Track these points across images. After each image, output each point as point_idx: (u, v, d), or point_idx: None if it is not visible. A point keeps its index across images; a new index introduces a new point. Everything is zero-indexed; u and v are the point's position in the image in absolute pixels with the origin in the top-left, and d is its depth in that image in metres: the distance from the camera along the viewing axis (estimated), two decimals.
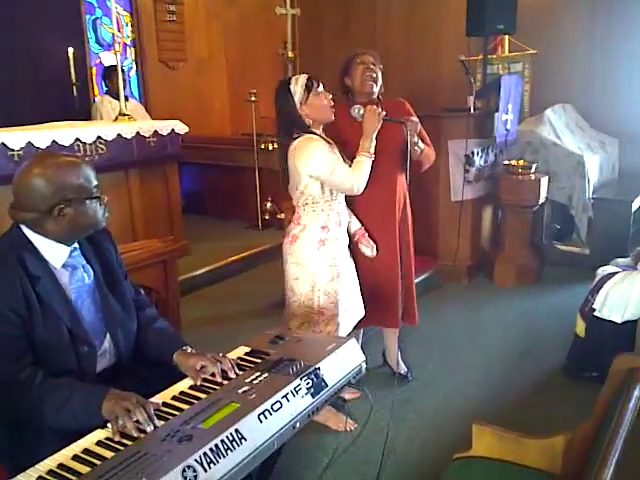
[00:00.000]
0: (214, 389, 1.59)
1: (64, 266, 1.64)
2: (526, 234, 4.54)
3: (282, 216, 5.33)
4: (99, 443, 1.38)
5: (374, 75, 2.63)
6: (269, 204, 5.38)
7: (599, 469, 1.16)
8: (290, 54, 5.18)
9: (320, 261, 2.48)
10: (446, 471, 1.71)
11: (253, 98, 5.19)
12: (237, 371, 1.66)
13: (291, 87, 2.42)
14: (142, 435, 1.38)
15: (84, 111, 5.14)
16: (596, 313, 2.86)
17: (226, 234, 5.24)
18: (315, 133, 2.45)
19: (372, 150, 2.47)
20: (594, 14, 5.28)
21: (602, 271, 3.02)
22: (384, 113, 2.50)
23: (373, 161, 2.48)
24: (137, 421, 1.40)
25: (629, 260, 3.07)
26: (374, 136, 2.48)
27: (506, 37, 5.43)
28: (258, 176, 5.28)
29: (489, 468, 1.64)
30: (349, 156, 2.51)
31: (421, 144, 2.65)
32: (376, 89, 2.66)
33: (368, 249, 2.65)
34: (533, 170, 4.42)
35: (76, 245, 1.67)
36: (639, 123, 5.04)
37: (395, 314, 2.81)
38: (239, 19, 6.70)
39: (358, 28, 6.32)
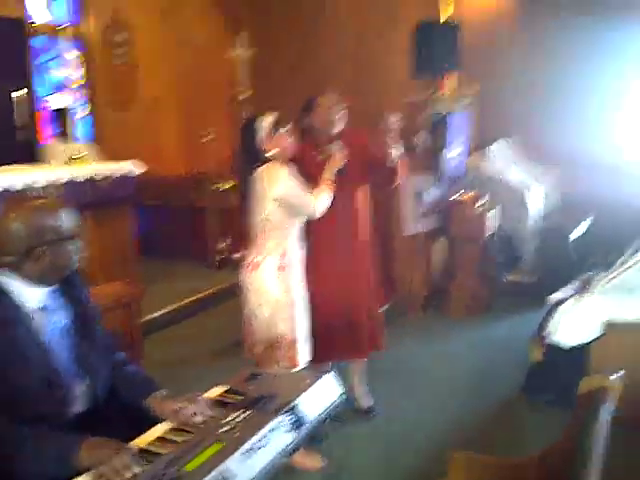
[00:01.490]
0: (194, 430, 1.57)
1: (42, 308, 1.60)
2: (476, 265, 4.70)
3: (237, 255, 5.33)
4: None
5: (337, 117, 2.75)
6: (224, 243, 5.36)
7: None
8: (241, 97, 5.26)
9: (279, 288, 2.56)
10: None
11: (210, 137, 5.22)
12: (212, 412, 1.63)
13: (256, 125, 2.54)
14: None
15: (29, 156, 5.00)
16: (549, 339, 2.98)
17: (182, 275, 5.18)
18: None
19: (332, 180, 2.64)
20: (534, 49, 5.57)
21: (554, 297, 3.17)
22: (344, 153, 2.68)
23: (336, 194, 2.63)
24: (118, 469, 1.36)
25: (578, 285, 3.23)
26: (334, 172, 2.65)
27: (451, 76, 5.66)
28: (212, 216, 5.27)
29: None
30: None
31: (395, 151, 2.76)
32: (339, 127, 2.76)
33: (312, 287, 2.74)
34: (480, 204, 4.61)
35: (57, 286, 1.64)
36: (579, 153, 5.28)
37: (363, 343, 2.88)
38: (192, 59, 6.76)
39: (308, 69, 6.48)
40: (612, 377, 1.56)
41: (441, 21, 5.40)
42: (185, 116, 6.69)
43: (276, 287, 2.56)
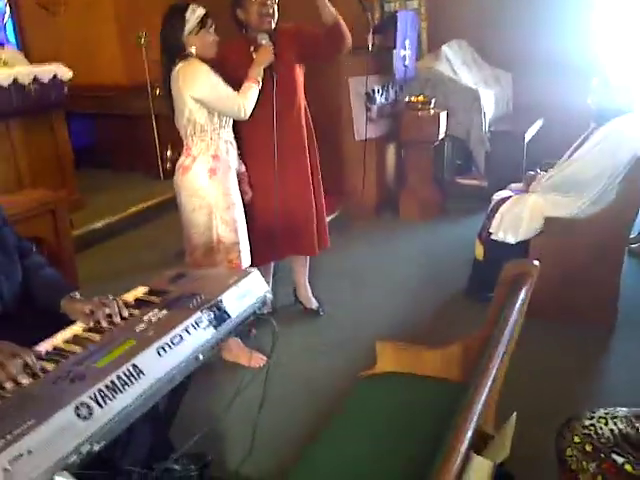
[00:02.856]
0: (108, 330, 1.52)
1: None
2: (428, 170, 4.66)
3: None
4: None
5: (270, 11, 2.54)
6: (169, 152, 5.15)
7: (482, 373, 1.20)
8: None
9: (214, 190, 2.47)
10: (353, 389, 1.75)
11: (142, 41, 4.89)
12: (126, 313, 1.58)
13: (187, 15, 2.34)
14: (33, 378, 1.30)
15: None
16: (492, 236, 3.00)
17: (126, 186, 5.01)
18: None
19: (258, 78, 2.47)
20: None
21: (497, 196, 3.16)
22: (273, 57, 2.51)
23: (272, 98, 2.50)
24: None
25: (521, 185, 3.22)
26: (262, 68, 2.49)
27: None
28: (156, 123, 5.04)
29: (392, 381, 1.69)
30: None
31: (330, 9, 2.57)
32: (273, 24, 2.57)
33: (246, 196, 2.68)
34: (432, 106, 4.50)
35: None
36: (530, 57, 5.19)
37: (311, 241, 2.85)
38: None
39: None
40: (532, 263, 1.56)
41: None
42: (122, 21, 6.23)
43: (210, 190, 2.47)
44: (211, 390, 2.42)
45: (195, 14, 2.36)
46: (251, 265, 2.61)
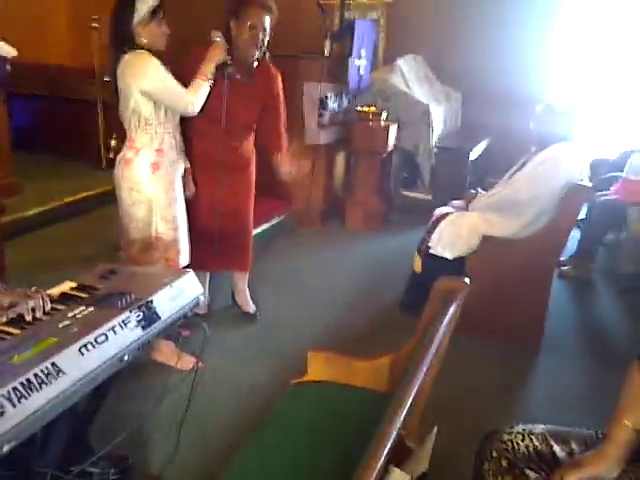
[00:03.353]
0: (31, 325, 1.46)
1: None
2: (375, 180, 4.72)
3: None
4: None
5: (258, 41, 2.51)
6: (114, 142, 5.01)
7: (406, 385, 1.21)
8: None
9: (155, 185, 2.42)
10: (281, 396, 1.75)
11: (96, 25, 4.75)
12: (49, 308, 1.52)
13: (137, 3, 2.28)
14: None
15: None
16: (431, 250, 3.06)
17: (65, 173, 4.83)
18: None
19: (209, 76, 2.44)
20: None
21: (438, 212, 3.23)
22: (228, 57, 2.47)
23: (219, 102, 2.48)
24: None
25: (462, 202, 3.30)
26: (213, 65, 2.44)
27: None
28: (102, 111, 4.89)
29: (320, 389, 1.70)
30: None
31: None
32: (257, 54, 2.55)
33: (188, 191, 2.66)
34: (384, 117, 4.56)
35: None
36: (481, 79, 5.36)
37: (245, 257, 2.87)
38: None
39: None
40: (463, 280, 1.59)
41: None
42: (74, 1, 6.04)
43: (152, 185, 2.42)
44: (138, 391, 2.36)
45: (146, 4, 2.29)
46: (188, 266, 2.56)
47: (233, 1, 2.56)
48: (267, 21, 2.52)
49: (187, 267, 2.55)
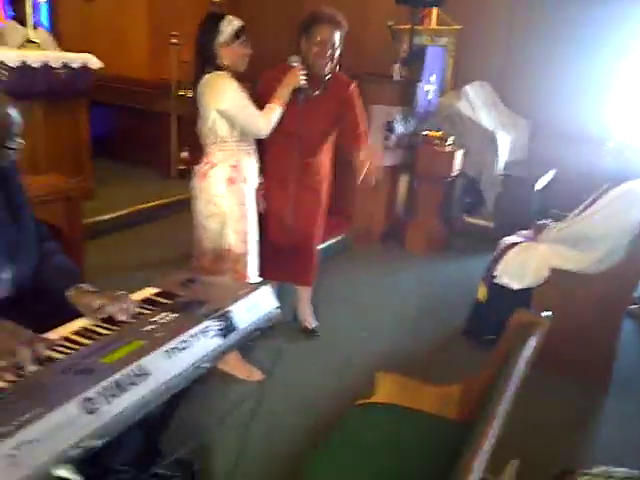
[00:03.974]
0: (118, 327, 1.52)
1: None
2: (438, 204, 4.69)
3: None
4: None
5: (329, 54, 2.57)
6: (185, 153, 5.19)
7: (490, 415, 1.21)
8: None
9: (229, 199, 2.49)
10: (347, 415, 1.75)
11: (175, 41, 4.95)
12: (137, 311, 1.58)
13: (221, 24, 2.37)
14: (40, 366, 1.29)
15: None
16: (496, 280, 3.01)
17: (138, 181, 5.02)
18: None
19: (283, 101, 2.50)
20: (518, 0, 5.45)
21: (505, 241, 3.18)
22: (304, 80, 2.53)
23: (296, 122, 2.54)
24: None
25: (530, 233, 3.25)
26: (289, 90, 2.51)
27: (434, 9, 5.49)
28: (175, 123, 5.07)
29: (391, 412, 1.69)
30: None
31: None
32: (328, 68, 2.61)
33: (258, 206, 2.70)
34: (449, 143, 4.55)
35: None
36: (551, 108, 5.28)
37: (309, 272, 2.90)
38: None
39: None
40: (543, 314, 1.57)
41: None
42: (154, 16, 6.31)
43: (226, 199, 2.49)
44: (203, 399, 2.41)
45: (230, 26, 2.38)
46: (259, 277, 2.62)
47: (303, 20, 2.64)
48: (336, 36, 2.57)
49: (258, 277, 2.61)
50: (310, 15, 2.62)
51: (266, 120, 2.45)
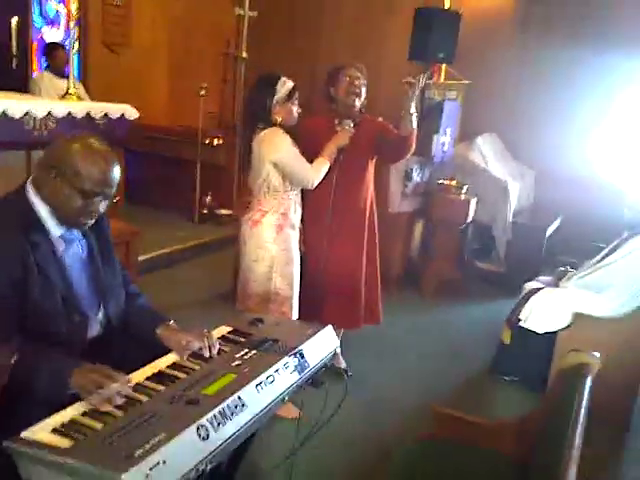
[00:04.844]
0: (204, 363, 1.64)
1: (61, 237, 1.64)
2: (453, 250, 4.86)
3: (222, 212, 5.37)
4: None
5: (357, 90, 2.81)
6: (208, 198, 5.37)
7: (566, 458, 1.30)
8: (243, 54, 5.25)
9: (278, 245, 2.64)
10: (403, 450, 1.86)
11: (203, 92, 5.20)
12: (221, 348, 1.71)
13: (277, 85, 2.58)
14: (114, 409, 1.36)
15: (21, 85, 4.91)
16: (521, 323, 3.15)
17: (163, 225, 5.15)
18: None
19: (331, 155, 2.70)
20: (526, 52, 5.76)
21: (528, 286, 3.34)
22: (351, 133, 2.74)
23: (341, 168, 2.72)
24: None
25: (551, 278, 3.41)
26: (337, 147, 2.72)
27: (443, 65, 5.78)
28: (199, 170, 5.28)
29: (444, 447, 1.80)
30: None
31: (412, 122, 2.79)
32: (358, 103, 2.83)
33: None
34: (464, 191, 4.75)
35: None
36: (554, 158, 5.54)
37: (356, 315, 2.99)
38: (184, 12, 6.67)
39: (303, 38, 6.48)
40: (594, 354, 1.71)
41: (445, 7, 5.45)
42: (174, 68, 6.61)
43: (275, 244, 2.64)
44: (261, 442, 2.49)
45: (285, 86, 2.61)
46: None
47: (328, 73, 2.89)
48: (361, 76, 2.83)
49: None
50: (334, 66, 2.89)
51: (316, 173, 2.65)
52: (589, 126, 5.49)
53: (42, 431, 1.26)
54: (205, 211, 5.33)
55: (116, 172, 1.62)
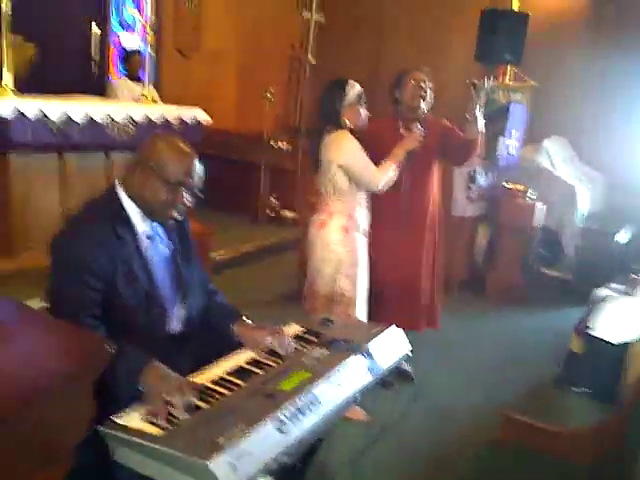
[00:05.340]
0: (279, 360, 1.70)
1: (146, 234, 1.73)
2: (519, 255, 4.76)
3: (286, 214, 5.46)
4: None
5: (423, 93, 2.83)
6: (274, 200, 5.47)
7: None
8: (310, 58, 5.33)
9: (344, 246, 2.67)
10: (476, 457, 1.86)
11: (269, 96, 5.31)
12: (294, 346, 1.76)
13: (346, 88, 2.62)
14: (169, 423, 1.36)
15: (99, 90, 5.16)
16: (592, 332, 3.07)
17: (228, 227, 5.27)
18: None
19: (399, 160, 2.70)
20: (596, 53, 5.57)
21: (600, 293, 3.25)
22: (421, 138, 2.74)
23: (407, 172, 2.74)
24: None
25: (623, 287, 3.31)
26: (405, 151, 2.72)
27: (508, 66, 5.67)
28: (265, 172, 5.39)
29: (517, 455, 1.79)
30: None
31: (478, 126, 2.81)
32: (424, 105, 2.85)
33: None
34: (530, 195, 4.66)
35: None
36: (628, 165, 5.33)
37: (415, 315, 3.01)
38: (253, 17, 6.81)
39: (366, 39, 6.49)
40: None
41: (512, 8, 5.35)
42: (242, 72, 6.76)
43: (341, 246, 2.67)
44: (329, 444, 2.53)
45: (354, 89, 2.64)
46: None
47: (394, 78, 2.92)
48: (426, 78, 2.85)
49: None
50: (398, 72, 2.93)
51: (382, 177, 2.66)
52: None
53: (133, 419, 1.34)
54: (271, 213, 5.44)
55: (198, 165, 1.71)
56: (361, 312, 2.78)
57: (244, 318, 1.86)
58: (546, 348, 3.70)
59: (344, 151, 2.60)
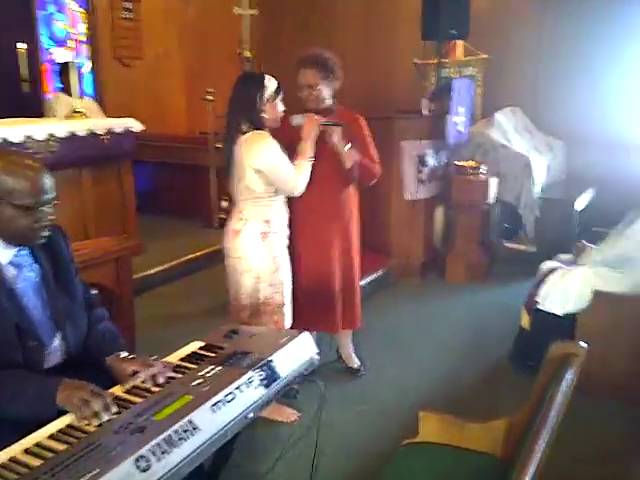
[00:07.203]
0: (164, 385, 1.59)
1: (10, 263, 1.63)
2: (476, 233, 4.69)
3: None
4: (51, 436, 1.38)
5: (311, 97, 2.67)
6: (224, 203, 5.35)
7: (527, 452, 1.22)
8: (247, 54, 5.20)
9: (262, 254, 2.52)
10: (393, 456, 1.78)
11: (210, 97, 5.18)
12: (170, 374, 1.63)
13: (265, 82, 2.46)
14: (97, 426, 1.39)
15: (35, 108, 5.03)
16: (539, 306, 2.99)
17: (181, 233, 5.20)
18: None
19: (311, 154, 2.55)
20: (542, 20, 5.48)
21: (545, 266, 3.17)
22: (322, 120, 2.57)
23: (315, 166, 2.57)
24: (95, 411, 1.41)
25: (571, 256, 3.22)
26: (312, 142, 2.56)
27: (459, 42, 5.56)
28: (214, 175, 5.28)
29: (434, 452, 1.71)
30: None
31: (351, 155, 2.65)
32: (314, 105, 2.69)
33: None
34: (483, 171, 4.57)
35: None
36: (584, 126, 5.24)
37: (332, 319, 2.85)
38: (195, 17, 6.68)
39: (316, 28, 6.37)
40: (579, 344, 1.58)
41: None
42: (189, 75, 6.65)
43: (260, 254, 2.52)
44: (252, 448, 2.46)
45: (271, 83, 2.48)
46: (292, 328, 2.63)
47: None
48: (310, 76, 2.64)
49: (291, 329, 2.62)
50: (297, 58, 2.72)
51: (299, 179, 2.51)
52: (617, 91, 5.17)
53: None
54: (223, 216, 5.31)
55: (47, 177, 1.60)
56: (289, 316, 2.67)
57: (121, 352, 1.71)
58: (505, 325, 3.61)
59: (262, 154, 2.42)
